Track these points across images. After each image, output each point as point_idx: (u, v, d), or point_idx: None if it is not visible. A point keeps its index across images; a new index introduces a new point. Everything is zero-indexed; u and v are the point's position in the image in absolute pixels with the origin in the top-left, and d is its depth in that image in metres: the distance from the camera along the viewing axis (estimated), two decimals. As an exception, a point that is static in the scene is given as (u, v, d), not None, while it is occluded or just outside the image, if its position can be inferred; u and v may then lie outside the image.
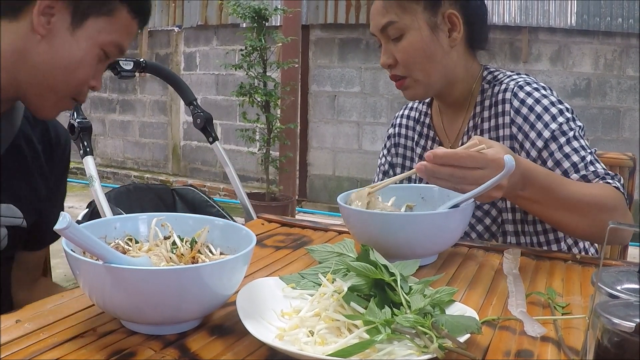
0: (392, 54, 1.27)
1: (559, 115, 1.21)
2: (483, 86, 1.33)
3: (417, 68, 1.26)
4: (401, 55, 1.25)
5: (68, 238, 0.66)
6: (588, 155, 1.18)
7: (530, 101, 1.23)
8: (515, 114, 1.24)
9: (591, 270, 1.01)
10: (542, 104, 1.22)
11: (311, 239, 1.19)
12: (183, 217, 0.89)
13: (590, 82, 4.72)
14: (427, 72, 1.27)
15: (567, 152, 1.18)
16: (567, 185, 1.11)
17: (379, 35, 1.29)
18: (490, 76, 1.34)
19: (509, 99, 1.26)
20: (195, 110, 2.28)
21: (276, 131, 4.60)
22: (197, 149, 6.51)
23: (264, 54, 4.47)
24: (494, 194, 0.99)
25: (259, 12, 4.38)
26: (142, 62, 2.16)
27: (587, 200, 1.10)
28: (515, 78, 1.30)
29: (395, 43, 1.26)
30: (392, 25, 1.24)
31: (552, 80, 4.79)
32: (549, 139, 1.19)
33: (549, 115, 1.21)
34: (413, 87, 1.29)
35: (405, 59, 1.25)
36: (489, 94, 1.31)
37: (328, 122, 5.64)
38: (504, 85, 1.29)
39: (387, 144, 1.55)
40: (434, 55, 1.26)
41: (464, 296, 0.88)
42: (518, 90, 1.25)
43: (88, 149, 1.90)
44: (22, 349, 0.68)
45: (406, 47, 1.25)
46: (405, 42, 1.25)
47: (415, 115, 1.49)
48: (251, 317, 0.72)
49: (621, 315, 0.54)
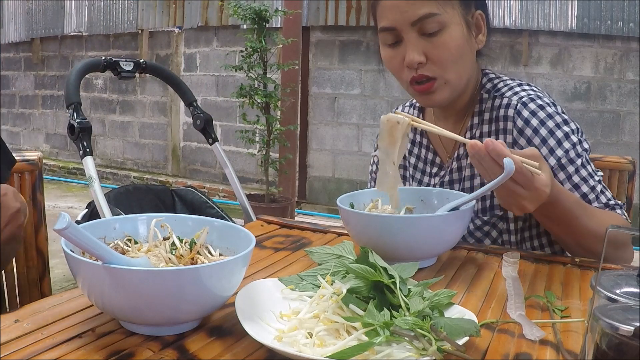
0: (423, 51, 1.15)
1: (565, 140, 1.16)
2: (482, 95, 1.27)
3: (452, 67, 1.16)
4: (439, 52, 1.14)
5: (67, 238, 0.66)
6: (597, 184, 1.17)
7: (535, 122, 1.17)
8: (518, 134, 1.19)
9: (590, 273, 1.01)
10: (547, 127, 1.17)
11: (310, 241, 1.19)
12: (182, 218, 0.89)
13: (590, 85, 4.72)
14: (459, 74, 1.18)
15: (577, 183, 1.15)
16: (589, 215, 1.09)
17: (405, 29, 1.15)
18: (489, 84, 1.28)
19: (511, 117, 1.20)
20: (195, 111, 2.28)
21: (276, 133, 4.60)
22: (197, 150, 6.50)
23: (265, 56, 4.47)
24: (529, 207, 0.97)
25: (260, 14, 4.38)
26: (142, 62, 2.16)
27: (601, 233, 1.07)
28: (518, 91, 1.23)
29: (429, 38, 1.14)
30: (432, 18, 1.12)
31: (552, 83, 4.79)
32: (556, 167, 1.15)
33: (554, 140, 1.16)
34: (442, 90, 1.18)
35: (445, 56, 1.15)
36: (489, 106, 1.25)
37: (328, 124, 5.65)
38: (505, 99, 1.22)
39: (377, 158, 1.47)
40: (467, 55, 1.19)
41: (463, 299, 0.88)
42: (522, 108, 1.19)
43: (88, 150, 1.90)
44: (21, 349, 0.68)
45: (447, 42, 1.14)
46: (446, 36, 1.14)
47: None
48: (250, 318, 0.72)
49: (620, 319, 0.54)
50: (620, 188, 1.47)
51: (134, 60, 2.12)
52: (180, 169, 6.71)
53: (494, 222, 1.25)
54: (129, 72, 2.11)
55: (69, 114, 1.91)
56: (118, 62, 2.08)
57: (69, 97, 1.92)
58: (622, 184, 1.48)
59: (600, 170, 1.23)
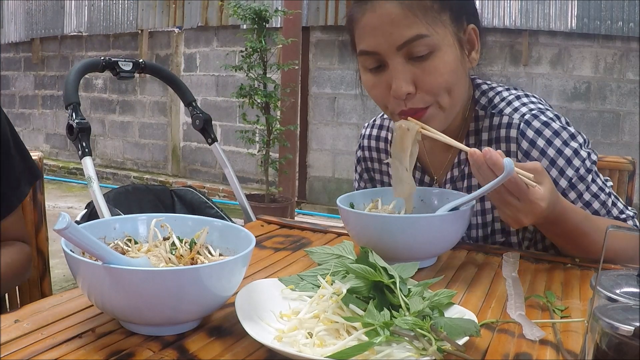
0: (412, 79, 1.02)
1: (575, 157, 1.10)
2: (477, 112, 1.18)
3: (445, 93, 1.04)
4: (431, 79, 1.02)
5: (67, 238, 0.66)
6: (608, 198, 1.14)
7: (542, 143, 1.10)
8: (524, 156, 1.11)
9: (590, 273, 1.01)
10: (555, 146, 1.09)
11: (310, 241, 1.19)
12: (182, 218, 0.89)
13: (590, 85, 4.72)
14: (454, 100, 1.07)
15: (588, 200, 1.12)
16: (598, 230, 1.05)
17: (390, 54, 1.02)
18: (484, 99, 1.18)
19: (514, 138, 1.12)
20: (195, 111, 2.28)
21: (276, 133, 4.60)
22: (197, 150, 6.51)
23: (264, 56, 4.47)
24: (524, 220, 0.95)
25: (260, 14, 4.38)
26: (141, 62, 2.16)
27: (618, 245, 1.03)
28: (518, 107, 1.14)
29: (418, 63, 1.02)
30: (421, 40, 1.00)
31: (552, 83, 4.80)
32: (567, 188, 1.10)
33: (563, 160, 1.10)
34: (436, 117, 1.06)
35: (437, 83, 1.02)
36: (487, 126, 1.16)
37: (328, 124, 5.65)
38: (505, 117, 1.14)
39: (358, 169, 1.41)
40: (461, 78, 1.07)
41: (463, 299, 0.88)
42: (525, 128, 1.11)
43: (87, 150, 1.90)
44: (21, 349, 0.68)
45: (439, 67, 1.01)
46: (437, 61, 1.01)
47: (388, 135, 1.32)
48: (250, 318, 0.72)
49: (620, 319, 0.54)
50: (620, 188, 1.47)
51: (133, 61, 2.12)
52: (180, 169, 6.71)
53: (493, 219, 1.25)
54: (128, 72, 2.11)
55: (68, 114, 1.91)
56: (117, 62, 2.08)
57: (68, 97, 1.92)
58: (622, 184, 1.48)
59: (609, 179, 1.21)
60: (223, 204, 5.46)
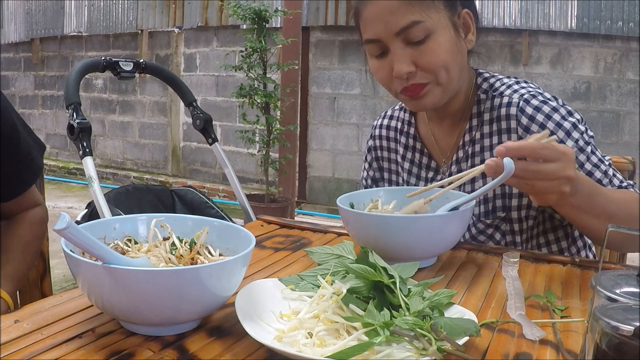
0: (411, 60, 1.12)
1: (573, 130, 1.15)
2: (479, 95, 1.25)
3: (443, 71, 1.13)
4: (428, 59, 1.11)
5: (67, 238, 0.66)
6: (608, 168, 1.16)
7: (541, 117, 1.15)
8: (524, 131, 1.16)
9: (590, 273, 1.01)
10: (554, 120, 1.15)
11: (310, 241, 1.19)
12: (182, 218, 0.89)
13: (590, 85, 4.73)
14: (451, 76, 1.15)
15: (589, 170, 1.14)
16: (608, 193, 1.07)
17: (390, 40, 1.12)
18: (485, 84, 1.25)
19: (514, 115, 1.18)
20: (195, 111, 2.28)
21: (276, 133, 4.60)
22: (197, 150, 6.51)
23: (264, 56, 4.47)
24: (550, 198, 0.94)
25: (260, 14, 4.38)
26: (141, 62, 2.16)
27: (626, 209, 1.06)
28: (517, 89, 1.21)
29: (416, 46, 1.11)
30: (417, 26, 1.09)
31: (552, 83, 4.80)
32: None
33: (562, 132, 1.15)
34: (432, 92, 1.15)
35: (434, 62, 1.12)
36: (488, 107, 1.23)
37: (328, 124, 5.65)
38: (506, 98, 1.20)
39: (368, 158, 1.45)
40: (458, 58, 1.16)
41: (463, 299, 0.88)
42: (525, 105, 1.17)
43: (87, 150, 1.90)
44: (21, 349, 0.68)
45: (435, 49, 1.11)
46: (433, 43, 1.11)
47: (397, 125, 1.39)
48: (250, 318, 0.72)
49: (620, 319, 0.54)
50: (620, 188, 1.47)
51: (133, 61, 2.12)
52: (180, 169, 6.71)
53: (496, 224, 1.25)
54: (129, 72, 2.11)
55: (69, 114, 1.91)
56: (117, 62, 2.08)
57: (69, 97, 1.92)
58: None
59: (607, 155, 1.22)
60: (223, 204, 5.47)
